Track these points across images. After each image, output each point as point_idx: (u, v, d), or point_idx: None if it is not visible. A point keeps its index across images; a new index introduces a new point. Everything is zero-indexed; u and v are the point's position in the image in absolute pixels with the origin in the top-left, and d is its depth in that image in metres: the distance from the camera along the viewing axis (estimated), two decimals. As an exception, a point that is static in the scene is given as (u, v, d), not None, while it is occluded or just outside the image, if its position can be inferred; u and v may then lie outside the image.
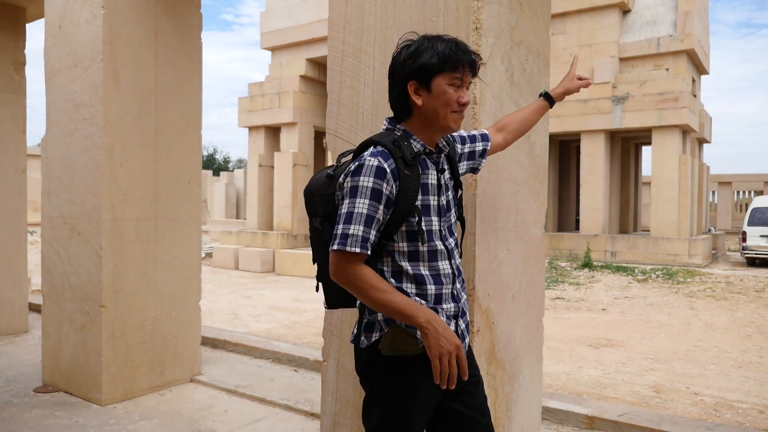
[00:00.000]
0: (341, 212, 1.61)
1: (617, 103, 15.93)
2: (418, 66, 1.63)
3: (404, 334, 1.64)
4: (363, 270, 1.58)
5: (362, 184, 1.58)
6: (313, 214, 1.76)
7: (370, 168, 1.58)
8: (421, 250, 1.68)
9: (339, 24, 2.66)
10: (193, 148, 4.38)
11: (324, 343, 2.71)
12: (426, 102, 1.66)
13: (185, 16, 4.30)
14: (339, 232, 1.59)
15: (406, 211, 1.63)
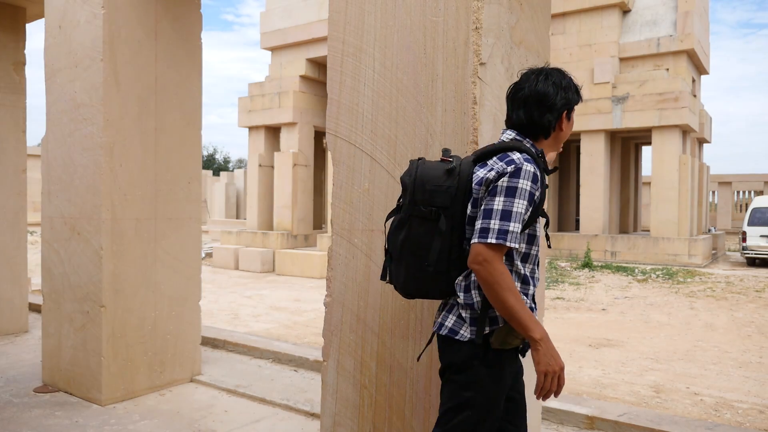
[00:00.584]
0: (495, 208, 1.73)
1: (617, 103, 15.93)
2: (570, 99, 1.91)
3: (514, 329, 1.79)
4: (505, 269, 1.72)
5: (521, 186, 1.73)
6: (424, 202, 1.83)
7: (528, 172, 1.74)
8: (532, 253, 1.88)
9: (339, 24, 2.66)
10: (193, 148, 4.38)
11: (324, 343, 2.71)
12: (565, 128, 1.94)
13: (185, 17, 4.30)
14: (496, 227, 1.71)
15: (537, 216, 1.82)
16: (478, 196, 1.81)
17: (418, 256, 1.83)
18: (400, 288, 1.92)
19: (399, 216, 1.88)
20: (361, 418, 2.58)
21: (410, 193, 1.85)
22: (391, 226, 1.90)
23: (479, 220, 1.74)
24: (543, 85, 1.88)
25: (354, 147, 2.60)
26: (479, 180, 1.81)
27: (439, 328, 1.90)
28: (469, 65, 2.29)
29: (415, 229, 1.83)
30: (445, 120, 2.35)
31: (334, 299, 2.66)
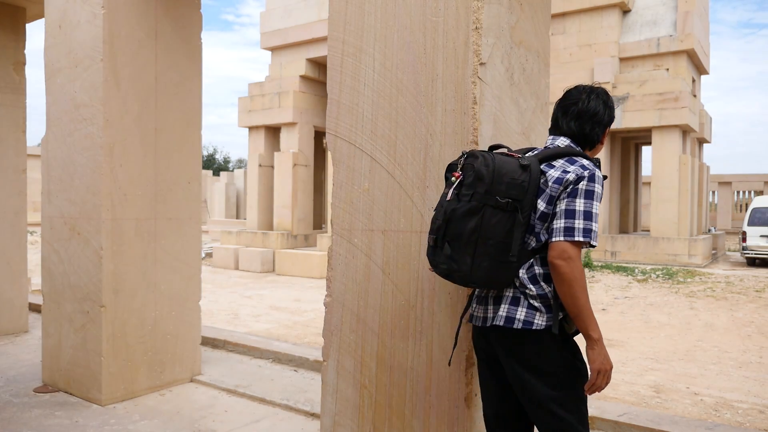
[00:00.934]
0: (578, 209, 1.87)
1: (617, 103, 15.93)
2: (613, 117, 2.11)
3: None
4: (582, 268, 1.86)
5: (597, 191, 1.89)
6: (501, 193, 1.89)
7: (599, 178, 1.92)
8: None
9: (339, 24, 2.66)
10: (193, 148, 4.38)
11: (324, 343, 2.71)
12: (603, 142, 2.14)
13: (185, 17, 4.30)
14: (581, 226, 1.85)
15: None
16: (555, 195, 1.91)
17: (489, 245, 1.88)
18: (460, 277, 1.92)
19: (470, 204, 1.89)
20: (361, 418, 2.58)
21: (488, 183, 1.88)
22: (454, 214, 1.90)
23: (561, 219, 1.86)
24: (594, 103, 2.06)
25: (354, 147, 2.60)
26: (556, 179, 1.92)
27: (508, 322, 1.93)
28: (469, 65, 2.29)
29: (487, 219, 1.88)
30: (445, 120, 2.35)
31: (334, 299, 2.66)
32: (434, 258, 1.96)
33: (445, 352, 2.34)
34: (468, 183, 1.91)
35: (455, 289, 2.32)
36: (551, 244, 1.86)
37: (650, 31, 16.52)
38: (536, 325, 1.90)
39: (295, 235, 14.74)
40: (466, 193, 1.90)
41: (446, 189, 1.97)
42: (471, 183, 1.90)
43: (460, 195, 1.92)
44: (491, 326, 1.98)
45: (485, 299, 2.03)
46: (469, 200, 1.89)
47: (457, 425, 2.31)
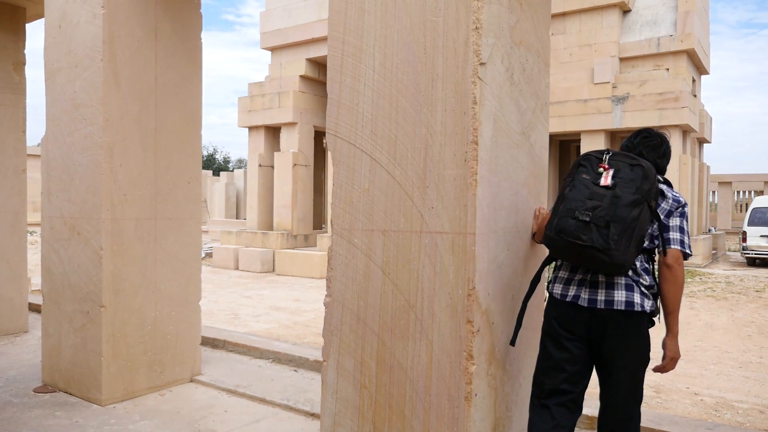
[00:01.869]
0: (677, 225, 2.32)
1: (617, 103, 15.92)
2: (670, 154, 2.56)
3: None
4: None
5: (687, 212, 2.37)
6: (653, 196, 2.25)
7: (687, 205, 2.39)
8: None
9: (339, 24, 2.66)
10: (193, 148, 4.37)
11: (324, 343, 2.71)
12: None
13: (185, 17, 4.30)
14: (687, 241, 2.32)
15: None
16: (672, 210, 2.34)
17: (638, 235, 2.18)
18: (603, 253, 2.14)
19: (634, 197, 2.17)
20: (361, 418, 2.58)
21: (651, 182, 2.22)
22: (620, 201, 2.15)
23: (674, 233, 2.30)
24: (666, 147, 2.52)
25: (354, 147, 2.60)
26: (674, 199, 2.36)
27: (629, 306, 2.26)
28: (469, 65, 2.29)
29: (645, 213, 2.19)
30: (445, 120, 2.35)
31: (334, 299, 2.66)
32: (577, 231, 2.16)
33: (446, 352, 2.34)
34: (631, 178, 2.19)
35: (455, 289, 2.32)
36: (669, 249, 2.27)
37: (650, 31, 16.51)
38: (647, 308, 2.28)
39: (295, 235, 14.74)
40: (629, 186, 2.18)
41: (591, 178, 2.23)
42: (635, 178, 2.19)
43: (618, 186, 2.18)
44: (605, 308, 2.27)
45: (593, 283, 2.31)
46: (634, 192, 2.17)
47: (457, 425, 2.31)
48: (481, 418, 2.35)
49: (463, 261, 2.29)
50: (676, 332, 2.31)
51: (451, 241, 2.32)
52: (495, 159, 2.37)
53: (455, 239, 2.31)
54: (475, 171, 2.26)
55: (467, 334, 2.29)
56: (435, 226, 2.37)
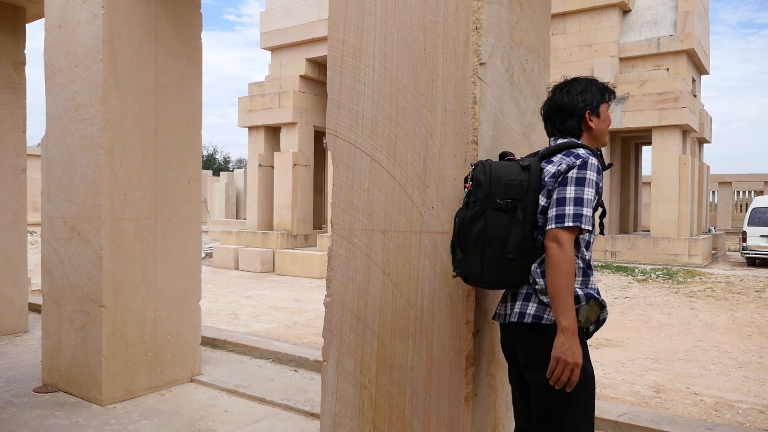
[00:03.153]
0: (568, 196, 1.90)
1: (617, 103, 15.92)
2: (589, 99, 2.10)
3: (598, 305, 1.96)
4: (573, 256, 1.88)
5: (588, 177, 1.91)
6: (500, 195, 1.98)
7: (593, 165, 1.94)
8: (591, 240, 2.03)
9: (339, 24, 2.66)
10: (193, 148, 4.37)
11: (324, 343, 2.71)
12: (597, 125, 2.11)
13: (185, 17, 4.30)
14: (571, 212, 1.88)
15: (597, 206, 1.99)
16: (551, 188, 1.96)
17: (495, 246, 1.97)
18: (474, 278, 2.01)
19: (473, 210, 2.00)
20: (361, 418, 2.58)
21: (486, 187, 1.99)
22: (462, 221, 2.02)
23: (553, 209, 1.91)
24: (559, 97, 2.12)
25: (354, 147, 2.60)
26: (552, 173, 1.97)
27: (520, 318, 2.00)
28: (469, 65, 2.29)
29: (491, 221, 1.97)
30: (445, 120, 2.35)
31: (334, 299, 2.66)
32: (453, 263, 2.08)
33: (445, 352, 2.34)
34: (471, 191, 2.02)
35: (455, 289, 2.32)
36: (546, 231, 1.91)
37: (650, 31, 16.51)
38: (545, 320, 1.96)
39: (295, 235, 14.74)
40: (470, 201, 2.02)
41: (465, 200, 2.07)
42: (473, 190, 2.01)
43: (468, 203, 2.03)
44: (509, 323, 2.06)
45: (505, 297, 2.12)
46: (473, 206, 2.00)
47: (457, 425, 2.31)
48: (481, 418, 2.35)
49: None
50: (564, 326, 1.83)
51: (451, 241, 2.32)
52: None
53: (455, 239, 2.31)
54: (475, 171, 2.26)
55: (467, 334, 2.29)
56: (435, 226, 2.37)
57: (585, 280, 1.99)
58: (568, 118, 2.11)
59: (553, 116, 2.14)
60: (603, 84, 2.15)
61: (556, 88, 2.16)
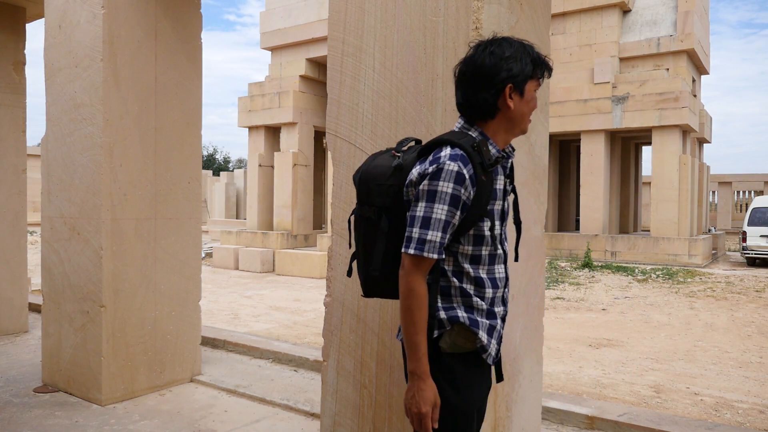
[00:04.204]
0: (417, 215, 1.60)
1: (617, 103, 15.93)
2: (516, 71, 1.64)
3: (466, 331, 1.67)
4: (423, 287, 1.60)
5: (441, 190, 1.57)
6: (367, 202, 1.74)
7: (449, 173, 1.57)
8: (483, 254, 1.70)
9: (339, 24, 2.66)
10: (193, 148, 4.38)
11: (324, 343, 2.71)
12: (517, 106, 1.68)
13: (185, 17, 4.30)
14: (416, 236, 1.58)
15: (478, 216, 1.64)
16: (407, 198, 1.68)
17: (366, 258, 1.76)
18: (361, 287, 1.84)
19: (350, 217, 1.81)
20: (361, 418, 2.58)
21: (358, 192, 1.76)
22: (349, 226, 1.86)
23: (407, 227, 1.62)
24: (480, 57, 1.65)
25: (354, 147, 2.60)
26: (407, 182, 1.67)
27: (398, 333, 1.78)
28: (469, 65, 2.28)
29: (362, 231, 1.76)
30: (445, 120, 2.35)
31: (334, 299, 2.66)
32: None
33: (445, 352, 2.34)
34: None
35: (455, 289, 2.31)
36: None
37: (650, 31, 16.51)
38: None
39: (295, 235, 14.74)
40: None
41: None
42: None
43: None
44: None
45: None
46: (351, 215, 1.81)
47: (457, 425, 2.31)
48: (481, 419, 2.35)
49: (463, 261, 2.29)
50: (410, 369, 1.59)
51: (451, 241, 2.32)
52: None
53: (455, 239, 2.31)
54: (475, 171, 2.26)
55: (467, 334, 2.28)
56: (435, 226, 2.36)
57: (465, 300, 1.67)
58: (482, 89, 1.65)
59: (467, 82, 1.67)
60: (540, 56, 1.68)
61: (479, 45, 1.68)
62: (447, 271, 1.68)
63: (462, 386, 1.68)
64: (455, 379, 1.67)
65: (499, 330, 1.74)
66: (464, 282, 1.68)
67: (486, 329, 1.69)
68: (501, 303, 1.76)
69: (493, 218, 1.68)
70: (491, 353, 1.72)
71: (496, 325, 1.73)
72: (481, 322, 1.68)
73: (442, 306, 1.67)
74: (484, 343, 1.68)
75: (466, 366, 1.69)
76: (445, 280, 1.68)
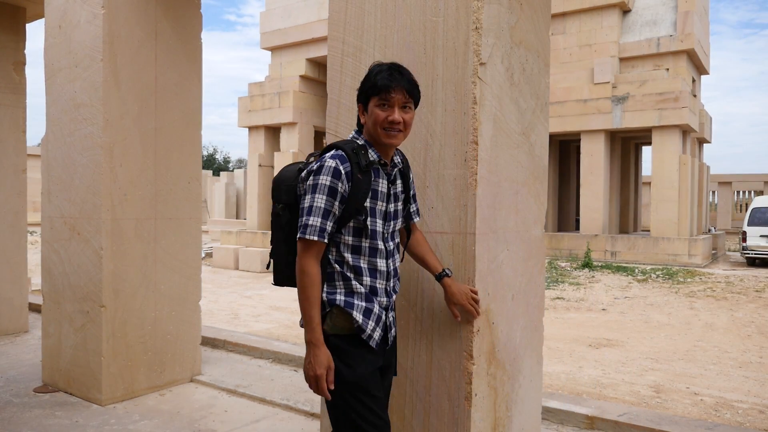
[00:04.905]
0: (304, 206, 1.89)
1: (617, 103, 15.93)
2: (361, 90, 1.99)
3: (343, 313, 1.93)
4: (313, 268, 1.87)
5: (320, 182, 1.87)
6: (277, 200, 2.04)
7: (328, 168, 1.87)
8: (363, 245, 1.96)
9: (339, 24, 2.66)
10: (193, 148, 4.38)
11: (324, 343, 2.71)
12: (366, 120, 1.99)
13: (185, 17, 4.30)
14: (302, 223, 1.88)
15: (355, 210, 1.91)
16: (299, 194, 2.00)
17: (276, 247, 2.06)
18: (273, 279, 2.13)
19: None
20: (361, 418, 2.58)
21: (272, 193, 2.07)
22: None
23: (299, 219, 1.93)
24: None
25: (354, 147, 2.60)
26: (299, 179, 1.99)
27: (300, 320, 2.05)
28: (469, 65, 2.29)
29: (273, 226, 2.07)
30: (445, 120, 2.35)
31: (334, 299, 2.66)
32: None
33: (446, 352, 2.34)
34: None
35: (455, 289, 2.31)
36: None
37: (650, 31, 16.52)
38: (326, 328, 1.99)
39: (295, 235, 14.74)
40: None
41: None
42: None
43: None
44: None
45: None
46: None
47: (457, 425, 2.31)
48: (481, 418, 2.35)
49: (462, 261, 2.29)
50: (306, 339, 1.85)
51: (451, 241, 2.32)
52: (495, 159, 2.38)
53: (455, 239, 2.31)
54: (475, 171, 2.26)
55: (467, 334, 2.29)
56: (435, 226, 2.37)
57: (345, 284, 1.94)
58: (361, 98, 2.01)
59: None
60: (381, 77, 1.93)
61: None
62: (331, 259, 1.96)
63: (350, 361, 1.93)
64: (342, 355, 1.93)
65: (380, 316, 1.98)
66: (345, 269, 1.95)
67: (362, 311, 1.93)
68: (384, 294, 2.01)
69: (370, 215, 1.96)
70: (372, 335, 1.95)
71: (375, 310, 1.96)
72: (357, 305, 1.93)
73: (326, 290, 1.94)
74: (360, 322, 1.92)
75: (351, 345, 1.94)
76: (330, 267, 1.95)
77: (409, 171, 2.17)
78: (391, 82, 1.92)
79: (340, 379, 1.91)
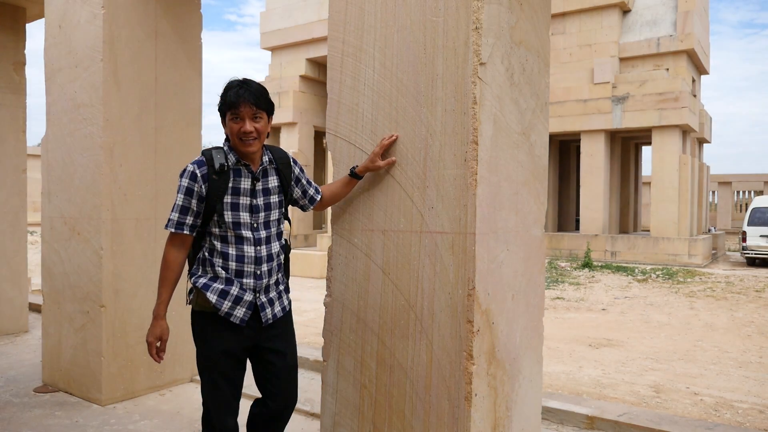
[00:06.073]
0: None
1: (617, 103, 15.93)
2: (219, 106, 2.29)
3: (202, 294, 2.26)
4: (170, 254, 2.26)
5: (180, 184, 2.24)
6: None
7: (186, 172, 2.23)
8: (229, 235, 2.26)
9: (339, 24, 2.66)
10: (193, 148, 4.38)
11: (324, 343, 2.71)
12: (227, 132, 2.30)
13: (185, 17, 4.30)
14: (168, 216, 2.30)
15: (214, 206, 2.23)
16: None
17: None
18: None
19: None
20: (361, 418, 2.58)
21: None
22: None
23: None
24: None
25: (354, 147, 2.60)
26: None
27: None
28: (469, 65, 2.29)
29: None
30: (445, 120, 2.35)
31: (334, 299, 2.66)
32: None
33: (446, 352, 2.34)
34: None
35: (455, 289, 2.32)
36: None
37: (650, 31, 16.52)
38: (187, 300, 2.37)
39: (295, 235, 14.74)
40: None
41: None
42: None
43: None
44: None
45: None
46: None
47: (457, 425, 2.31)
48: (481, 418, 2.36)
49: (463, 261, 2.29)
50: (154, 312, 2.28)
51: (451, 241, 2.32)
52: (495, 159, 2.38)
53: (455, 239, 2.31)
54: (475, 171, 2.26)
55: (467, 334, 2.29)
56: (435, 226, 2.37)
57: (211, 269, 2.26)
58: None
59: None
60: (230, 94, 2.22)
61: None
62: (204, 247, 2.29)
63: (206, 337, 2.30)
64: (200, 331, 2.31)
65: (240, 297, 2.27)
66: (214, 256, 2.27)
67: (217, 293, 2.24)
68: (252, 276, 2.29)
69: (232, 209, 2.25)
70: (231, 313, 2.26)
71: (232, 291, 2.26)
72: (214, 287, 2.25)
73: (195, 273, 2.30)
74: (213, 302, 2.23)
75: (212, 322, 2.28)
76: (201, 254, 2.30)
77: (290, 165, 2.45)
78: (239, 98, 2.20)
79: (198, 350, 2.32)
